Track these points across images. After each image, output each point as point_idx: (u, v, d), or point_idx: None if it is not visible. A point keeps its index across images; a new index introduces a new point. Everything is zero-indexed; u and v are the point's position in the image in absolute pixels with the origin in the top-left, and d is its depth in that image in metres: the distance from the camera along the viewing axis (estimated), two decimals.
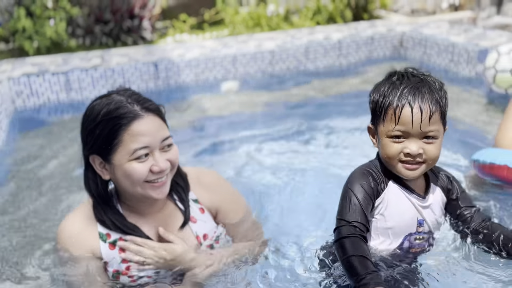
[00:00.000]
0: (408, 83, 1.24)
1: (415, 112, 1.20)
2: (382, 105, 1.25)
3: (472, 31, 4.06)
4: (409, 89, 1.22)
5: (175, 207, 1.42)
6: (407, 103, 1.21)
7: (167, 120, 1.36)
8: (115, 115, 1.24)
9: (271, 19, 5.30)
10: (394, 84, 1.26)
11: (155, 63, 3.60)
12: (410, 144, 1.22)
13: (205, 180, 1.49)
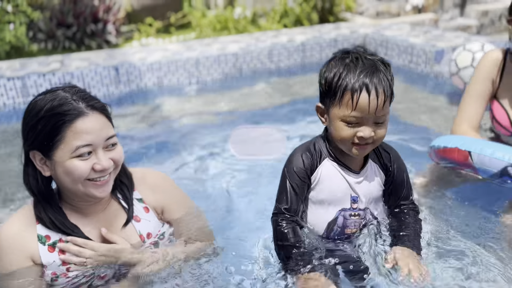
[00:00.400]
0: (363, 67, 1.25)
1: (372, 99, 1.23)
2: (338, 88, 1.26)
3: (431, 33, 4.16)
4: (365, 74, 1.24)
5: (119, 206, 1.41)
6: (364, 89, 1.23)
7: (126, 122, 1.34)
8: (59, 111, 1.23)
9: (238, 22, 5.31)
10: (349, 66, 1.27)
11: (116, 67, 3.56)
12: (363, 129, 1.26)
13: (150, 179, 1.49)
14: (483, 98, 1.98)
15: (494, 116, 1.99)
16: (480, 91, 1.98)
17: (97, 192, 1.29)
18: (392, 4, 5.75)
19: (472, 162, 1.69)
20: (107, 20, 4.80)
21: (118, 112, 3.37)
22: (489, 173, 1.65)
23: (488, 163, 1.63)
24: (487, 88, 1.97)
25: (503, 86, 1.93)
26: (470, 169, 1.74)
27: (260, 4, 5.52)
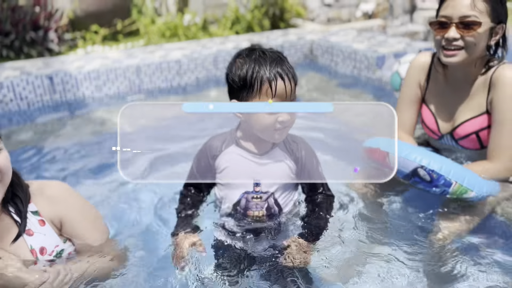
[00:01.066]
0: (272, 60, 1.40)
1: (287, 85, 1.38)
2: (255, 80, 1.38)
3: (375, 39, 4.20)
4: (275, 65, 1.38)
5: (11, 220, 1.32)
6: (279, 77, 1.37)
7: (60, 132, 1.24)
8: None
9: (189, 29, 5.23)
10: (259, 61, 1.39)
11: (50, 76, 3.41)
12: (282, 114, 1.38)
13: (49, 191, 1.41)
14: (414, 103, 1.99)
15: (423, 120, 2.00)
16: (410, 96, 1.98)
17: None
18: (343, 11, 5.81)
19: (389, 162, 1.67)
20: (49, 27, 4.61)
21: (52, 122, 3.25)
22: (402, 173, 1.65)
23: (402, 163, 1.62)
24: (416, 93, 1.97)
25: (430, 90, 1.93)
26: (389, 169, 1.72)
27: (211, 11, 5.46)
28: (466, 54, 1.69)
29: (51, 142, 2.93)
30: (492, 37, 1.69)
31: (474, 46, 1.67)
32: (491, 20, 1.66)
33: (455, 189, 1.55)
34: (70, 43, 4.87)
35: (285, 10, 5.46)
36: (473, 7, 1.62)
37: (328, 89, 3.78)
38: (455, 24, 1.66)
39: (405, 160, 1.60)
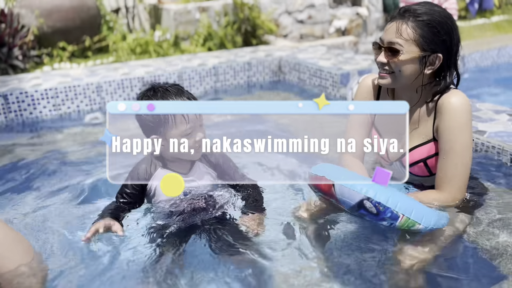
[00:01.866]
0: (175, 93, 1.62)
1: None
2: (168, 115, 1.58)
3: (342, 56, 4.17)
4: (180, 96, 1.61)
5: None
6: None
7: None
8: None
9: (160, 46, 5.17)
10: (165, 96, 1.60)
11: (5, 95, 3.31)
12: (198, 134, 1.62)
13: None
14: (363, 126, 1.92)
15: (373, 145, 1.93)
16: (358, 119, 1.92)
17: None
18: (316, 27, 5.81)
19: (334, 192, 1.60)
20: (14, 44, 4.52)
21: (6, 142, 3.14)
22: (348, 205, 1.56)
23: (348, 194, 1.54)
24: (365, 116, 1.91)
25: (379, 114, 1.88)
26: (334, 200, 1.65)
27: (183, 27, 5.42)
28: (395, 78, 1.65)
29: (4, 162, 2.83)
30: (427, 66, 1.63)
31: (399, 72, 1.63)
32: (420, 49, 1.60)
33: (403, 222, 1.48)
34: (36, 59, 4.77)
35: (257, 27, 5.44)
36: (398, 34, 1.60)
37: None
38: (384, 48, 1.64)
39: (350, 191, 1.53)
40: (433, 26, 1.60)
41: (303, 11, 5.71)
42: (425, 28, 1.59)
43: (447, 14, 1.64)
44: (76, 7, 4.96)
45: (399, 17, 1.62)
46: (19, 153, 2.98)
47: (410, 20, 1.60)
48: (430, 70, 1.64)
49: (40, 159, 2.89)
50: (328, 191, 1.64)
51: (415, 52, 1.60)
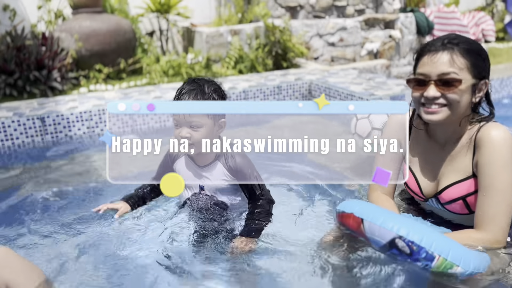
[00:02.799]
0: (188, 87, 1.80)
1: None
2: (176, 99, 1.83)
3: (374, 80, 4.11)
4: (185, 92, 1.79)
5: None
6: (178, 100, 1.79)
7: None
8: None
9: (192, 68, 5.26)
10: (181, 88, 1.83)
11: (42, 117, 3.43)
12: (183, 129, 1.75)
13: None
14: (394, 162, 1.85)
15: (405, 182, 1.86)
16: (389, 155, 1.85)
17: None
18: (348, 50, 5.77)
19: (364, 230, 1.54)
20: (53, 66, 4.71)
21: (44, 162, 3.24)
22: (379, 244, 1.49)
23: (378, 232, 1.48)
24: (395, 153, 1.84)
25: (411, 149, 1.81)
26: (364, 238, 1.59)
27: (214, 50, 5.50)
28: (449, 111, 1.59)
29: (38, 184, 2.91)
30: (476, 93, 1.59)
31: (457, 103, 1.57)
32: (473, 76, 1.56)
33: (439, 263, 1.39)
34: (73, 81, 4.94)
35: (288, 50, 5.46)
36: (452, 64, 1.55)
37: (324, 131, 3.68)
38: (434, 82, 1.57)
39: (381, 229, 1.46)
40: (478, 53, 1.58)
41: (334, 34, 5.69)
42: (473, 54, 1.57)
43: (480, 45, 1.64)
44: (113, 31, 5.13)
45: (443, 48, 1.57)
46: (51, 174, 3.07)
47: (457, 49, 1.56)
48: (478, 98, 1.60)
49: (71, 181, 2.96)
50: (357, 229, 1.58)
51: (469, 80, 1.56)
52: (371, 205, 1.65)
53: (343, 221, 1.66)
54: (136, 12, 6.03)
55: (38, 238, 2.18)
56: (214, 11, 6.55)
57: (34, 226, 2.34)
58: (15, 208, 2.58)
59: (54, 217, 2.43)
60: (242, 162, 1.89)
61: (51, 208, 2.59)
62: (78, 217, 2.43)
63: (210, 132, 1.79)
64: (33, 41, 4.86)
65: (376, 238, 1.49)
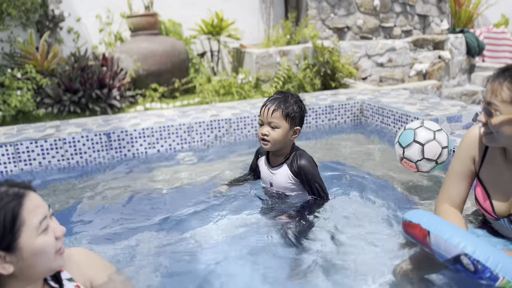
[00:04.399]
0: (274, 97, 2.27)
1: (268, 109, 2.22)
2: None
3: (428, 101, 4.10)
4: (270, 100, 2.26)
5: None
6: (267, 104, 2.24)
7: None
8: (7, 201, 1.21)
9: (242, 87, 5.42)
10: (269, 97, 2.30)
11: (108, 133, 3.63)
12: (264, 129, 2.24)
13: (75, 257, 1.51)
14: (464, 178, 1.88)
15: (477, 199, 1.87)
16: (460, 171, 1.88)
17: (62, 261, 1.32)
18: (396, 70, 5.78)
19: (429, 242, 1.57)
20: (113, 85, 4.98)
21: (109, 177, 3.43)
22: (443, 257, 1.52)
23: (443, 247, 1.50)
24: (468, 167, 1.86)
25: (485, 167, 1.82)
26: (429, 249, 1.62)
27: (264, 70, 5.65)
28: (493, 139, 1.66)
29: (104, 197, 3.07)
30: None
31: (497, 133, 1.62)
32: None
33: (503, 284, 1.40)
34: (131, 99, 5.20)
35: (336, 70, 5.53)
36: (495, 96, 1.59)
37: (376, 149, 3.70)
38: (484, 108, 1.65)
39: (446, 244, 1.48)
40: None
41: (383, 55, 5.72)
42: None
43: None
44: (169, 52, 5.38)
45: (497, 77, 1.60)
46: (114, 188, 3.23)
47: (507, 81, 1.56)
48: None
49: (134, 194, 3.11)
50: (422, 240, 1.61)
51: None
52: (439, 218, 1.66)
53: (409, 230, 1.69)
54: (189, 34, 6.29)
55: (108, 242, 2.33)
56: (262, 33, 6.74)
57: (104, 232, 2.49)
58: (88, 216, 2.74)
59: (122, 224, 2.57)
60: (306, 167, 2.26)
61: (118, 215, 2.74)
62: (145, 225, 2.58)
63: (286, 135, 2.23)
64: (95, 61, 5.17)
65: (442, 252, 1.51)
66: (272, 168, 2.36)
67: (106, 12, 5.84)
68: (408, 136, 2.52)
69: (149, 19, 5.48)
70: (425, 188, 2.74)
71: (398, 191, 2.70)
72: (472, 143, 1.84)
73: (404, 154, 2.53)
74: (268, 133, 2.20)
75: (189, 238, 2.39)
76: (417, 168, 2.51)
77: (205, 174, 3.37)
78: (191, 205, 2.78)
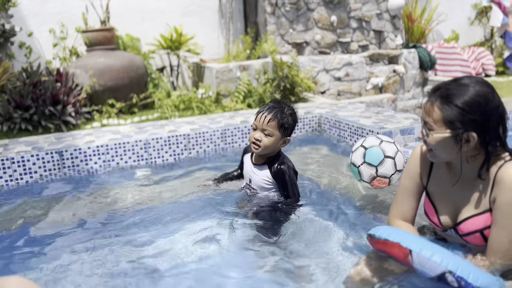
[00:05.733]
0: (269, 106, 2.43)
1: (263, 117, 2.38)
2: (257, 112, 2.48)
3: (383, 113, 4.21)
4: (266, 108, 2.43)
5: None
6: (263, 112, 2.40)
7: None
8: None
9: (202, 102, 5.39)
10: (264, 106, 2.47)
11: (60, 151, 3.50)
12: (256, 134, 2.41)
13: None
14: (414, 194, 1.93)
15: (425, 211, 1.92)
16: (409, 187, 1.93)
17: None
18: (353, 84, 5.92)
19: (411, 261, 1.59)
20: (68, 102, 4.83)
21: (61, 196, 3.29)
22: (427, 275, 1.55)
23: (427, 265, 1.53)
24: (416, 183, 1.91)
25: (432, 181, 1.87)
26: (410, 267, 1.64)
27: (224, 85, 5.65)
28: (434, 155, 1.72)
29: (54, 219, 2.94)
30: (463, 143, 1.62)
31: (435, 150, 1.69)
32: (450, 128, 1.61)
33: None
34: (87, 116, 5.05)
35: (296, 84, 5.60)
36: (428, 115, 1.65)
37: (334, 161, 3.76)
38: (423, 127, 1.71)
39: (430, 262, 1.51)
40: (461, 108, 1.57)
41: (340, 69, 5.85)
42: (453, 108, 1.58)
43: (481, 92, 1.59)
44: (126, 67, 5.29)
45: (429, 97, 1.66)
46: (69, 206, 3.11)
47: (438, 101, 1.61)
48: (468, 147, 1.63)
49: (90, 213, 3.00)
50: (403, 259, 1.62)
51: (445, 131, 1.62)
52: (415, 236, 1.68)
53: (385, 249, 1.69)
54: (148, 49, 6.22)
55: (55, 269, 2.22)
56: (222, 48, 6.76)
57: (54, 257, 2.37)
58: (34, 240, 2.61)
59: (73, 247, 2.46)
60: (285, 171, 2.45)
61: (70, 238, 2.62)
62: (96, 246, 2.48)
63: (276, 143, 2.41)
64: (48, 77, 5.00)
65: (426, 270, 1.54)
66: (255, 166, 2.55)
67: (60, 26, 5.70)
68: (377, 154, 2.49)
69: (106, 33, 5.38)
70: (379, 202, 2.79)
71: (356, 204, 2.74)
72: (418, 159, 1.90)
73: (378, 173, 2.49)
74: (260, 138, 2.36)
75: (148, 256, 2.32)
76: (389, 182, 2.53)
77: (163, 191, 3.30)
78: (148, 222, 2.71)
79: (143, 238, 2.56)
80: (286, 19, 6.26)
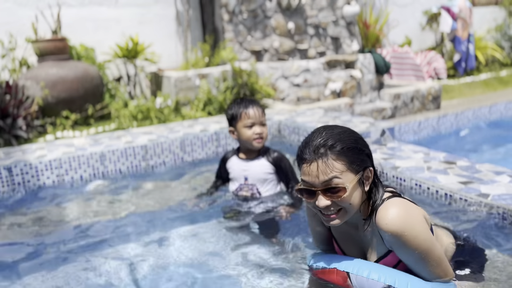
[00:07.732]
0: (247, 102, 2.57)
1: (255, 111, 2.55)
2: (238, 113, 2.56)
3: (340, 118, 4.28)
4: (248, 104, 2.56)
5: None
6: (250, 108, 2.54)
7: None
8: None
9: (161, 112, 5.30)
10: (240, 104, 2.58)
11: (9, 167, 3.34)
12: (257, 128, 2.55)
13: None
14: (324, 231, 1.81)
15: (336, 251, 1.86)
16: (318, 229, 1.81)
17: None
18: (312, 90, 6.00)
19: (351, 284, 1.58)
20: (18, 115, 4.62)
21: (12, 213, 3.13)
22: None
23: (367, 284, 1.54)
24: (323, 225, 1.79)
25: (334, 230, 1.78)
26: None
27: (183, 93, 5.58)
28: (345, 213, 1.54)
29: (4, 237, 2.80)
30: (365, 184, 1.55)
31: (350, 205, 1.51)
32: (355, 172, 1.50)
33: None
34: (40, 129, 4.86)
35: (255, 91, 5.61)
36: (331, 171, 1.46)
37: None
38: (321, 191, 1.49)
39: (369, 281, 1.51)
40: (352, 148, 1.49)
41: (299, 75, 5.92)
42: (348, 153, 1.49)
43: (350, 130, 1.56)
44: (80, 78, 5.13)
45: (316, 156, 1.46)
46: (22, 224, 2.96)
47: (330, 154, 1.46)
48: (368, 186, 1.56)
49: (43, 230, 2.88)
50: (343, 284, 1.60)
51: (353, 178, 1.50)
52: (349, 257, 1.66)
53: (324, 277, 1.67)
54: (103, 59, 6.07)
55: None
56: (181, 56, 6.69)
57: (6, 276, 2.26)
58: None
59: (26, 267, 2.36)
60: (283, 157, 2.64)
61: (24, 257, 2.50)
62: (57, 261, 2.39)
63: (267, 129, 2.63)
64: None
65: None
66: (248, 161, 2.65)
67: (9, 36, 5.47)
68: None
69: (57, 43, 5.20)
70: None
71: None
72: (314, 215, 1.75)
73: None
74: (262, 131, 2.54)
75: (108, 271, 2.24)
76: None
77: (120, 204, 3.21)
78: (106, 237, 2.63)
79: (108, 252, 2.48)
80: (244, 27, 6.28)
